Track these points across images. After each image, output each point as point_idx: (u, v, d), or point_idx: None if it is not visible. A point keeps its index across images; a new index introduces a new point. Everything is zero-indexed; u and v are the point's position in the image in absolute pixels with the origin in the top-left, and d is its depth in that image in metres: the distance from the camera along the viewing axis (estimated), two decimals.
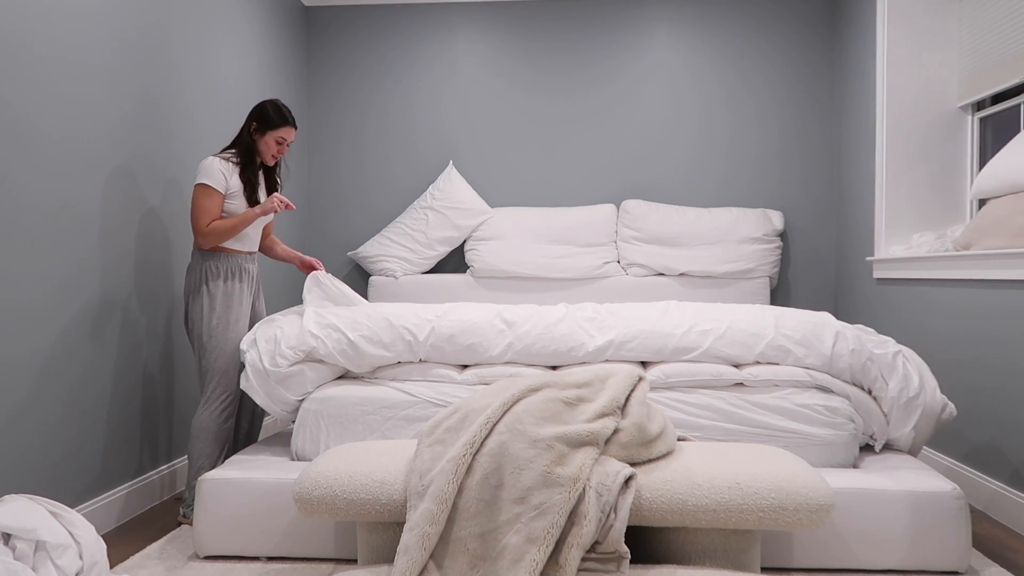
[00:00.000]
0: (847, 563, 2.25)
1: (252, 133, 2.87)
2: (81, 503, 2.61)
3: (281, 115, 2.86)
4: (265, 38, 4.21)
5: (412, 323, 2.70)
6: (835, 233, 4.61)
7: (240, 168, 2.84)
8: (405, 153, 4.83)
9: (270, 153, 2.89)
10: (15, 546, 1.80)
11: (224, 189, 2.78)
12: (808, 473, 2.03)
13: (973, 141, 3.70)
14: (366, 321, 2.70)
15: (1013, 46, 3.20)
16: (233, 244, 2.84)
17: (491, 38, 4.76)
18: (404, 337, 2.68)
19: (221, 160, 2.80)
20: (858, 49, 4.20)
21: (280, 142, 2.89)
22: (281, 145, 2.90)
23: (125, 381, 2.86)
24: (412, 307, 2.82)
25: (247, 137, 2.88)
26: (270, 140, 2.87)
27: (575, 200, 4.73)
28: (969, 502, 2.96)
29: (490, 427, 2.01)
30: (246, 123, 2.88)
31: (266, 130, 2.86)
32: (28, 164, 2.35)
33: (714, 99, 4.66)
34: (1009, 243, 2.77)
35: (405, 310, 2.78)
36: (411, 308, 2.80)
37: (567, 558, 1.83)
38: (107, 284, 2.76)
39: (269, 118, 2.85)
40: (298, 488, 2.10)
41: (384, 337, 2.67)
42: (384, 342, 2.67)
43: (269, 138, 2.86)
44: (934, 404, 2.52)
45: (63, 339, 2.52)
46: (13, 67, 2.29)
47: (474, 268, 4.53)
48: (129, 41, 2.90)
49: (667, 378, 2.57)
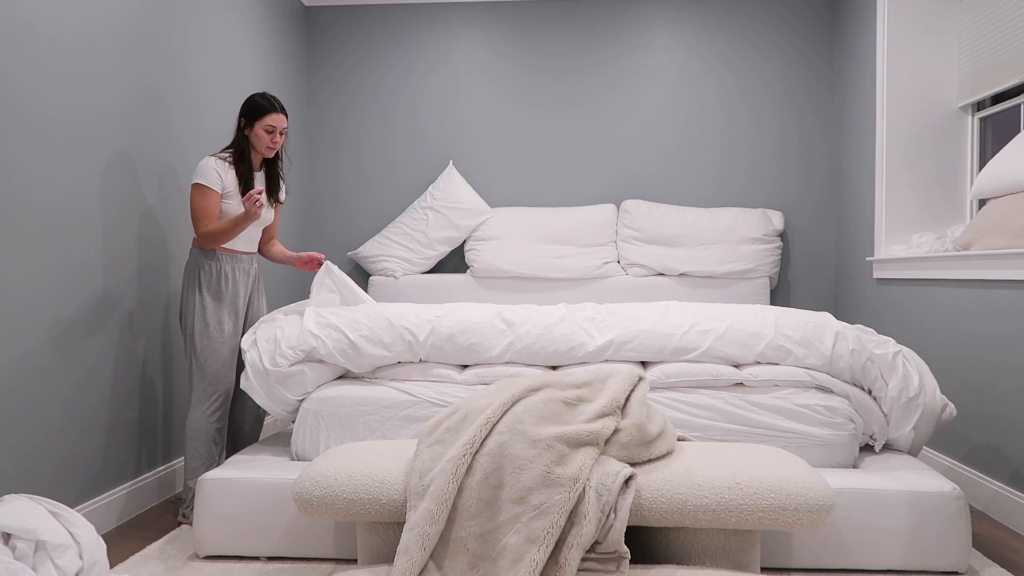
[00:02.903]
0: (847, 563, 2.25)
1: (242, 129, 2.86)
2: (81, 503, 2.61)
3: (267, 102, 2.84)
4: (265, 38, 4.21)
5: (412, 323, 2.70)
6: (835, 233, 4.61)
7: (234, 166, 2.83)
8: (405, 153, 4.83)
9: (264, 144, 2.86)
10: (15, 546, 1.80)
11: (220, 188, 2.77)
12: (808, 473, 2.03)
13: (973, 141, 3.70)
14: (366, 321, 2.70)
15: (1013, 46, 3.20)
16: (231, 244, 2.84)
17: (491, 38, 4.76)
18: (404, 337, 2.68)
19: (216, 159, 2.79)
20: (858, 49, 4.20)
21: (270, 130, 2.83)
22: (272, 134, 2.84)
23: (125, 381, 2.86)
24: (412, 307, 2.82)
25: (238, 134, 2.87)
26: (259, 131, 2.84)
27: (575, 200, 4.73)
28: (969, 502, 2.96)
29: (490, 427, 2.01)
30: (237, 122, 2.89)
31: (253, 121, 2.83)
32: (28, 164, 2.35)
33: (714, 99, 4.66)
34: (1009, 243, 2.77)
35: (405, 310, 2.78)
36: (411, 308, 2.80)
37: (567, 558, 1.83)
38: (108, 283, 2.76)
39: (253, 108, 2.84)
40: (298, 488, 2.10)
41: (384, 337, 2.67)
42: (384, 342, 2.67)
43: (258, 128, 2.83)
44: (934, 404, 2.52)
45: (63, 338, 2.52)
46: (13, 67, 2.29)
47: (474, 268, 4.53)
48: (129, 41, 2.90)
49: (667, 378, 2.57)
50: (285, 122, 2.88)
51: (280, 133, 2.87)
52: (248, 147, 2.87)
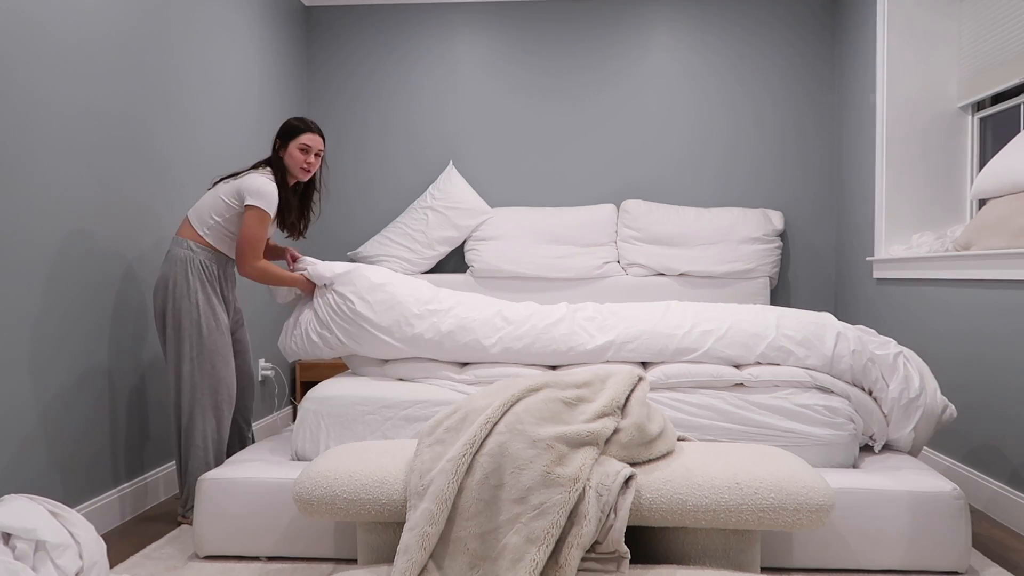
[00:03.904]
0: (847, 563, 2.25)
1: (278, 151, 2.83)
2: (81, 503, 2.61)
3: (300, 122, 2.83)
4: (265, 38, 4.21)
5: (413, 313, 2.71)
6: (835, 233, 4.61)
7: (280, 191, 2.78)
8: (405, 153, 4.83)
9: (298, 166, 2.82)
10: (15, 546, 1.80)
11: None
12: (808, 473, 2.03)
13: (973, 141, 3.70)
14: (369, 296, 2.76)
15: (1013, 46, 3.20)
16: (228, 249, 2.81)
17: (491, 38, 4.76)
18: (401, 326, 2.70)
19: (274, 183, 2.74)
20: (858, 49, 4.20)
21: (304, 150, 2.81)
22: (307, 154, 2.81)
23: (125, 380, 2.86)
24: (415, 294, 2.81)
25: (275, 159, 2.83)
26: (293, 150, 2.81)
27: (575, 200, 4.73)
28: (969, 502, 2.96)
29: (490, 427, 2.01)
30: (273, 145, 2.85)
31: (288, 140, 2.82)
32: (28, 165, 2.35)
33: (714, 99, 4.66)
34: (1009, 243, 2.77)
35: (408, 298, 2.77)
36: (414, 295, 2.79)
37: (567, 558, 1.83)
38: (108, 282, 2.75)
39: (288, 128, 2.83)
40: (298, 488, 2.10)
41: (384, 320, 2.71)
42: (383, 325, 2.71)
43: (292, 147, 2.81)
44: (935, 406, 2.52)
45: (63, 337, 2.52)
46: (12, 64, 2.29)
47: (474, 268, 4.53)
48: (128, 41, 2.90)
49: (667, 379, 2.56)
50: (321, 143, 2.86)
51: (316, 154, 2.84)
52: (286, 171, 2.83)
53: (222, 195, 2.75)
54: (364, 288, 2.77)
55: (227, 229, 2.76)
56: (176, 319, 2.70)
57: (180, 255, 2.71)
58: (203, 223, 2.75)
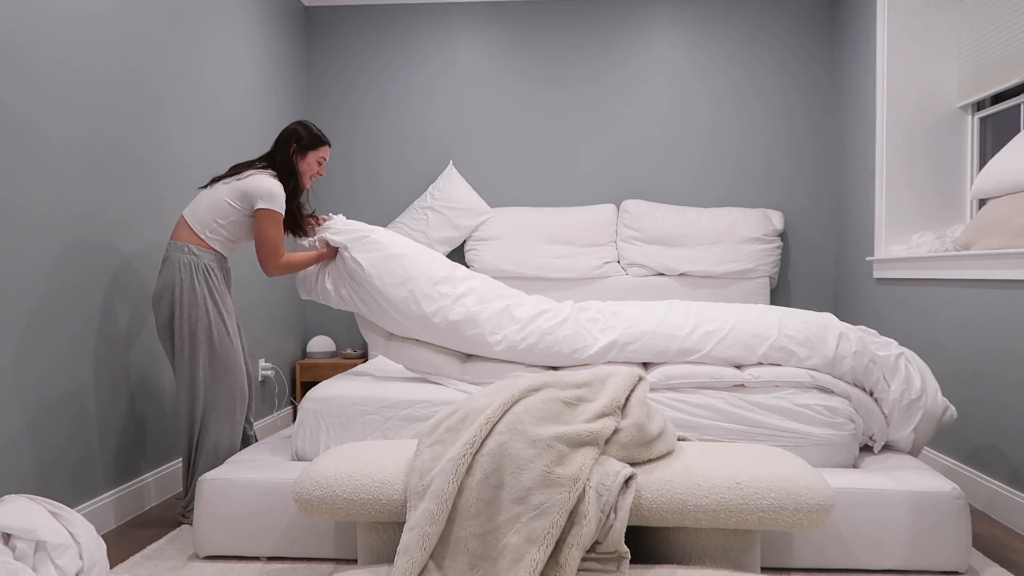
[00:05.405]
0: (847, 563, 2.25)
1: (292, 155, 2.81)
2: (81, 503, 2.61)
3: (322, 134, 2.86)
4: (265, 38, 4.21)
5: (424, 293, 2.73)
6: (835, 233, 4.61)
7: (287, 195, 2.78)
8: (405, 153, 4.83)
9: (309, 174, 2.85)
10: (15, 546, 1.80)
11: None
12: (808, 473, 2.03)
13: (973, 141, 3.70)
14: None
15: (1013, 46, 3.20)
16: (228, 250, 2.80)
17: (491, 38, 4.76)
18: (409, 304, 2.71)
19: (280, 184, 2.74)
20: (858, 49, 4.20)
21: (321, 162, 2.87)
22: (321, 165, 2.87)
23: (125, 380, 2.86)
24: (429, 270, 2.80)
25: (288, 161, 2.81)
26: (312, 160, 2.84)
27: (575, 200, 4.73)
28: (969, 502, 2.96)
29: (490, 427, 2.01)
30: (281, 148, 2.81)
31: (307, 150, 2.82)
32: (28, 165, 2.35)
33: (713, 99, 4.66)
34: (1009, 243, 2.77)
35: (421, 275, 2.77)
36: (427, 272, 2.79)
37: (567, 558, 1.83)
38: (109, 282, 2.75)
39: (312, 138, 2.82)
40: (298, 488, 2.10)
41: (393, 294, 2.72)
42: (391, 299, 2.72)
43: (311, 158, 2.83)
44: (935, 407, 2.52)
45: (63, 337, 2.52)
46: (12, 66, 2.29)
47: (474, 268, 4.53)
48: (128, 40, 2.90)
49: (668, 379, 2.56)
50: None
51: (323, 165, 2.91)
52: (297, 175, 2.83)
53: (225, 197, 2.70)
54: (378, 258, 2.77)
55: (230, 232, 2.74)
56: (187, 327, 2.64)
57: (183, 260, 2.65)
58: (205, 226, 2.70)
